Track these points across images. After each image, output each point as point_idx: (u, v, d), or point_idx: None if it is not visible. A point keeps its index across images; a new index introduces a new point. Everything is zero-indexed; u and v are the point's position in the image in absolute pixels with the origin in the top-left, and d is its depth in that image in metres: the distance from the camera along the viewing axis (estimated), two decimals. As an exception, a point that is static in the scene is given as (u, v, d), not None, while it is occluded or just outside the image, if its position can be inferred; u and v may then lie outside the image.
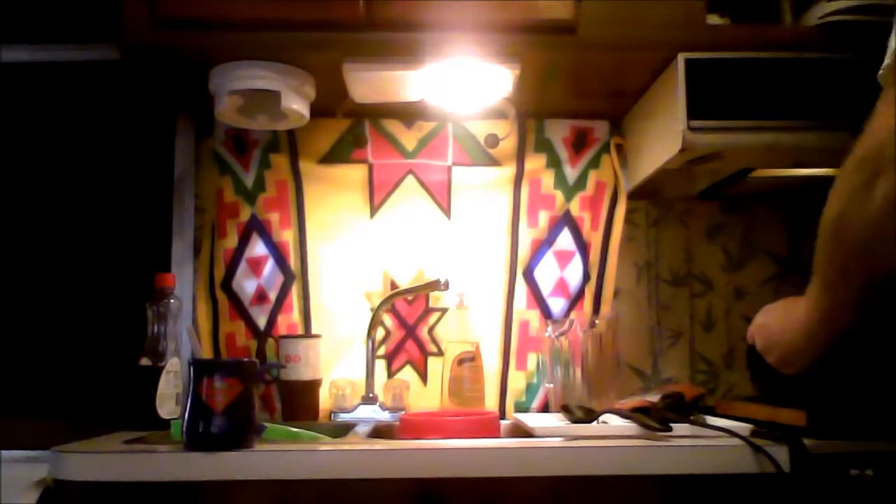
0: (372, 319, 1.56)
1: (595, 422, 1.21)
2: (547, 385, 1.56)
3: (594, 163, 1.68)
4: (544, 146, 1.68)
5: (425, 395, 1.61)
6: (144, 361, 1.40)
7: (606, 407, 1.30)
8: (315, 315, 1.62)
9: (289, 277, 1.62)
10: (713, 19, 1.37)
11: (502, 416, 1.58)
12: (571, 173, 1.68)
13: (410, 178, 1.66)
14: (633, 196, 1.67)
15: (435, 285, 1.55)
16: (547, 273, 1.64)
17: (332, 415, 1.54)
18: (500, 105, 1.55)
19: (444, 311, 1.64)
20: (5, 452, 1.37)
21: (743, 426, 1.10)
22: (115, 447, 1.09)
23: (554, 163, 1.68)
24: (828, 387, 1.10)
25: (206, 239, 1.65)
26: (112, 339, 1.59)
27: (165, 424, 1.33)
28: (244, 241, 1.63)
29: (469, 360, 1.51)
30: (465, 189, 1.66)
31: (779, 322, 1.09)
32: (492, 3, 1.32)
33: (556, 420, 1.31)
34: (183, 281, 1.60)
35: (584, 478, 1.04)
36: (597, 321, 1.52)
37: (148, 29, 1.31)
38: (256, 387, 1.11)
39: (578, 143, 1.68)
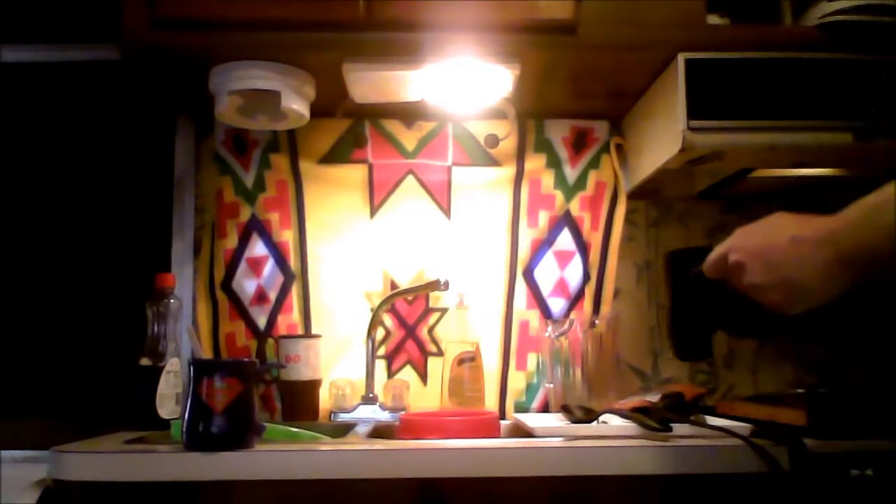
0: (372, 319, 1.56)
1: (595, 422, 1.21)
2: (547, 385, 1.56)
3: (594, 163, 1.68)
4: (544, 146, 1.68)
5: (425, 395, 1.61)
6: (144, 361, 1.40)
7: (606, 407, 1.30)
8: (315, 315, 1.62)
9: (289, 277, 1.62)
10: (713, 19, 1.37)
11: (502, 416, 1.58)
12: (571, 173, 1.68)
13: (410, 178, 1.66)
14: (633, 196, 1.67)
15: (435, 285, 1.55)
16: (547, 273, 1.64)
17: (332, 415, 1.54)
18: (500, 105, 1.55)
19: (444, 311, 1.64)
20: (5, 452, 1.37)
21: (743, 426, 1.10)
22: (115, 447, 1.09)
23: (554, 163, 1.68)
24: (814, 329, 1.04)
25: (206, 239, 1.65)
26: (112, 339, 1.59)
27: (165, 424, 1.33)
28: (244, 241, 1.63)
29: (469, 360, 1.51)
30: (465, 189, 1.66)
31: (784, 248, 0.86)
32: (492, 3, 1.32)
33: (556, 420, 1.31)
34: (183, 281, 1.60)
35: (584, 478, 1.04)
36: (597, 321, 1.52)
37: (148, 29, 1.31)
38: (256, 387, 1.11)
39: (578, 143, 1.68)
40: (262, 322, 1.61)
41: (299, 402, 1.52)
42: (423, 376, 1.63)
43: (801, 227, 0.86)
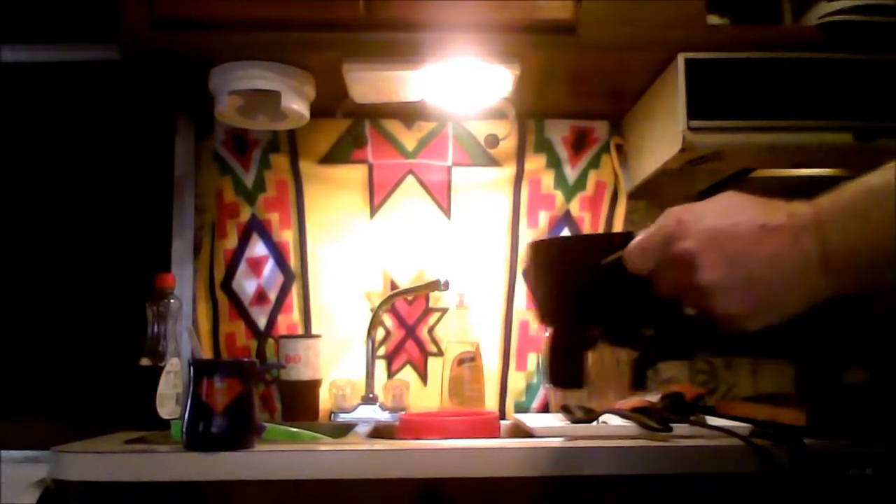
0: (372, 319, 1.56)
1: (595, 422, 1.21)
2: (547, 385, 1.56)
3: (594, 163, 1.68)
4: (544, 146, 1.68)
5: (425, 395, 1.61)
6: (144, 361, 1.40)
7: (606, 407, 1.30)
8: (315, 315, 1.62)
9: (289, 277, 1.63)
10: (713, 19, 1.37)
11: (502, 416, 1.58)
12: (571, 173, 1.68)
13: (410, 178, 1.66)
14: (633, 196, 1.67)
15: (435, 285, 1.55)
16: (547, 273, 1.64)
17: (332, 415, 1.54)
18: (500, 105, 1.55)
19: (444, 311, 1.64)
20: (5, 452, 1.37)
21: (743, 426, 1.10)
22: (115, 447, 1.09)
23: (554, 163, 1.68)
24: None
25: (206, 239, 1.65)
26: (112, 339, 1.59)
27: (165, 424, 1.33)
28: (244, 241, 1.63)
29: (469, 360, 1.51)
30: (465, 189, 1.66)
31: (751, 238, 0.63)
32: (492, 3, 1.32)
33: (556, 420, 1.31)
34: (183, 281, 1.60)
35: (584, 478, 1.04)
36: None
37: (148, 29, 1.31)
38: (256, 387, 1.11)
39: (578, 143, 1.68)
40: (262, 322, 1.61)
41: (299, 402, 1.52)
42: (423, 376, 1.63)
43: (771, 212, 0.64)
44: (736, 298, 0.62)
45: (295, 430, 1.26)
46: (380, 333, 1.63)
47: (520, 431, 1.35)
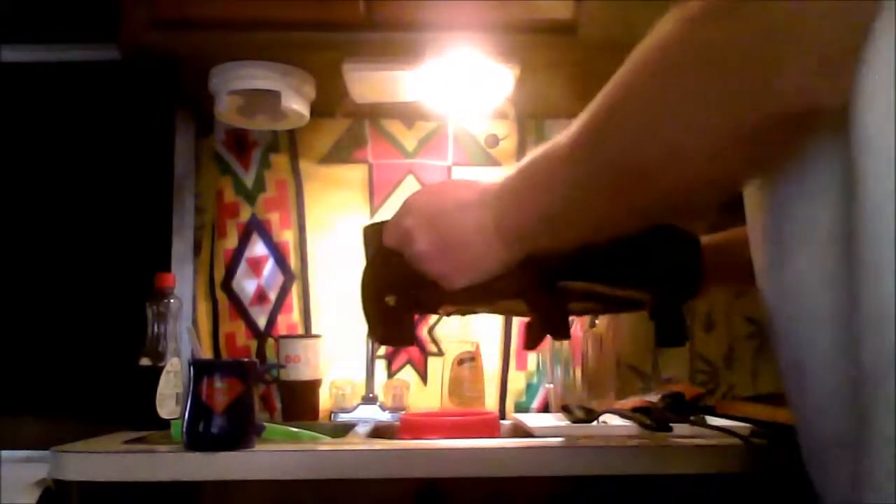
0: (372, 319, 1.56)
1: (595, 422, 1.21)
2: (547, 385, 1.56)
3: (594, 163, 1.67)
4: (544, 146, 1.68)
5: (425, 395, 1.61)
6: (144, 361, 1.40)
7: (606, 407, 1.30)
8: (315, 315, 1.62)
9: (289, 277, 1.63)
10: (713, 19, 1.37)
11: (502, 416, 1.58)
12: (571, 173, 1.67)
13: (410, 179, 1.66)
14: (633, 196, 1.66)
15: (435, 285, 1.55)
16: (547, 273, 1.64)
17: (332, 415, 1.54)
18: (500, 105, 1.55)
19: (444, 311, 1.64)
20: (5, 452, 1.37)
21: (743, 426, 1.10)
22: (115, 447, 1.09)
23: (554, 163, 1.67)
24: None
25: (206, 239, 1.65)
26: (112, 339, 1.59)
27: (165, 424, 1.33)
28: (244, 241, 1.63)
29: (469, 360, 1.51)
30: (465, 189, 1.66)
31: (450, 212, 0.74)
32: (492, 3, 1.32)
33: (556, 420, 1.31)
34: (183, 281, 1.59)
35: (584, 478, 1.04)
36: (597, 321, 1.52)
37: (148, 29, 1.31)
38: (256, 387, 1.11)
39: (578, 143, 1.68)
40: (262, 322, 1.61)
41: (299, 402, 1.52)
42: (423, 376, 1.63)
43: (473, 192, 0.73)
44: (440, 262, 0.74)
45: (295, 430, 1.26)
46: (380, 333, 1.62)
47: (520, 431, 1.35)
